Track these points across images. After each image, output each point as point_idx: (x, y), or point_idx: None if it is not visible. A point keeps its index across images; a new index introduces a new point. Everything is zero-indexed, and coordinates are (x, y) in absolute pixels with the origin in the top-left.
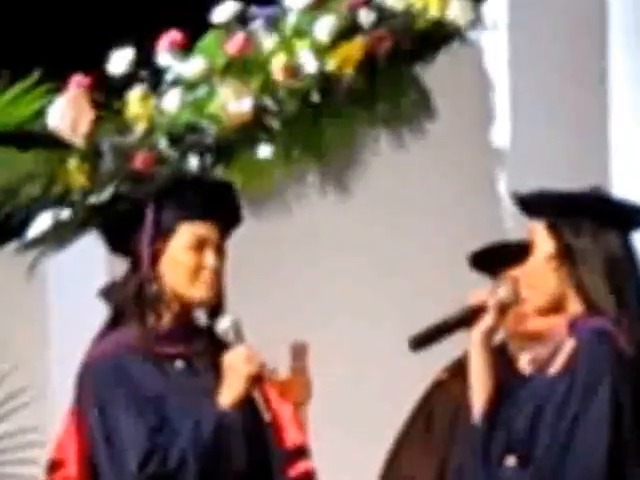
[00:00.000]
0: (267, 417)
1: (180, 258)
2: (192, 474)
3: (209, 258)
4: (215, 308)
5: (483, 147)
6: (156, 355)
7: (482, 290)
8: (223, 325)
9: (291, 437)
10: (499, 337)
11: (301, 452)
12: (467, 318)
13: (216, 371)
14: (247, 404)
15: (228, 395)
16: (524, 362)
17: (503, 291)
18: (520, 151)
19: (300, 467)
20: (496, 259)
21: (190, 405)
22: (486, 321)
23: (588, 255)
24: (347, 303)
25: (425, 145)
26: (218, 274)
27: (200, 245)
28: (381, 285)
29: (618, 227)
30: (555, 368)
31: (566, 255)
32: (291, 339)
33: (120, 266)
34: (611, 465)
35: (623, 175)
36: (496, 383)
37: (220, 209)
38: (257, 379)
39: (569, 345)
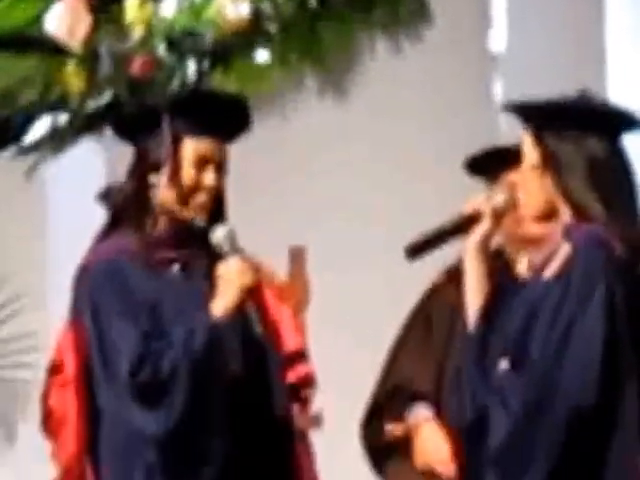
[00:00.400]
0: (258, 330)
1: (180, 174)
2: (184, 383)
3: (208, 178)
4: (214, 217)
5: (480, 54)
6: (152, 260)
7: (477, 197)
8: (218, 235)
9: (290, 341)
10: (497, 242)
11: (300, 356)
12: (463, 225)
13: (212, 277)
14: (242, 314)
15: (221, 305)
16: (522, 267)
17: (498, 198)
18: (517, 58)
19: (299, 371)
20: (493, 163)
21: (185, 311)
22: (481, 228)
23: (573, 162)
24: (343, 206)
25: (422, 51)
26: (218, 192)
27: (202, 163)
28: (377, 188)
29: (603, 132)
30: (550, 273)
31: (550, 163)
32: (288, 242)
33: (118, 171)
34: (604, 371)
35: (619, 81)
36: (491, 289)
37: (230, 126)
38: (250, 290)
39: (564, 250)
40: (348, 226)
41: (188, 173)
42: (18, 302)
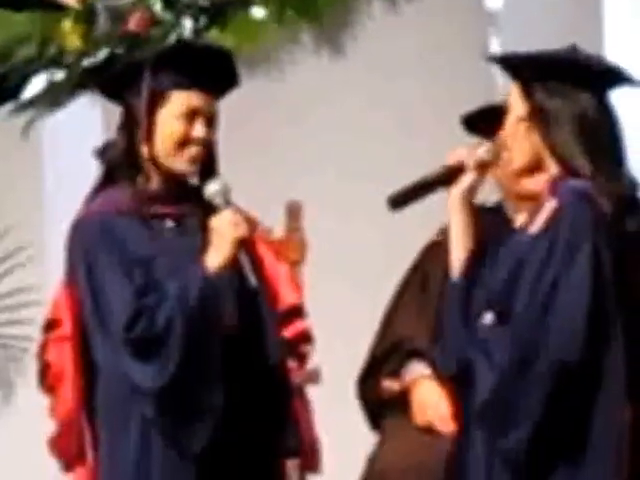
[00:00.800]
0: (252, 281)
1: (169, 126)
2: (179, 336)
3: (198, 129)
4: (206, 172)
5: (477, 10)
6: (146, 215)
7: (461, 149)
8: (212, 189)
9: (287, 297)
10: (496, 197)
11: (297, 311)
12: (446, 177)
13: (205, 232)
14: (236, 267)
15: (215, 258)
16: (519, 222)
17: (482, 150)
18: (514, 14)
19: (297, 326)
20: (489, 120)
21: (178, 266)
22: (465, 180)
23: (560, 115)
24: (340, 160)
25: (418, 7)
26: (208, 143)
27: (191, 115)
28: (373, 143)
29: (591, 87)
30: (535, 227)
31: (538, 116)
32: (284, 196)
33: (114, 126)
34: (590, 326)
35: (616, 36)
36: (478, 241)
37: (216, 79)
38: (244, 243)
39: (550, 205)
40: (344, 180)
41: (177, 126)
42: (16, 257)
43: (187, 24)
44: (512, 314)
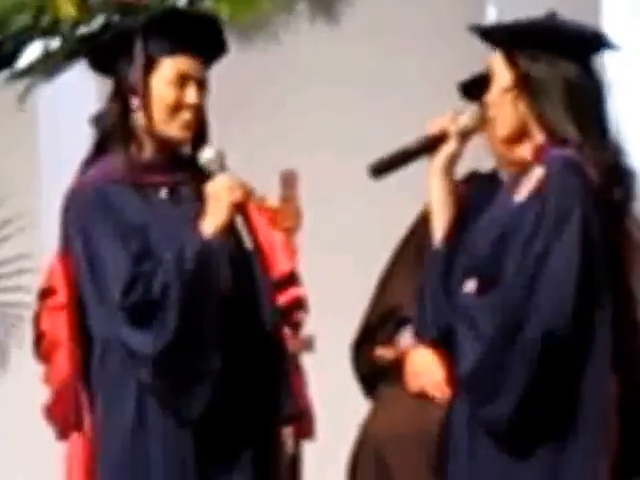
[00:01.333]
0: (249, 244)
1: (161, 93)
2: (175, 302)
3: (190, 95)
4: (198, 140)
5: None
6: (140, 184)
7: (442, 117)
8: (207, 155)
9: (281, 264)
10: (491, 165)
11: (291, 279)
12: (428, 146)
13: (200, 201)
14: (232, 232)
15: (211, 223)
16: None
17: (465, 117)
18: None
19: (290, 293)
20: (484, 87)
21: (173, 233)
22: (447, 148)
23: (547, 83)
24: (335, 131)
25: None
26: (199, 110)
27: (182, 80)
28: (371, 112)
29: (574, 54)
30: (523, 193)
31: (524, 85)
32: (281, 167)
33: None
34: (579, 296)
35: (613, 8)
36: (457, 209)
37: (204, 44)
38: (240, 207)
39: (537, 173)
40: (340, 150)
41: (169, 92)
42: (12, 225)
43: None
44: (497, 281)
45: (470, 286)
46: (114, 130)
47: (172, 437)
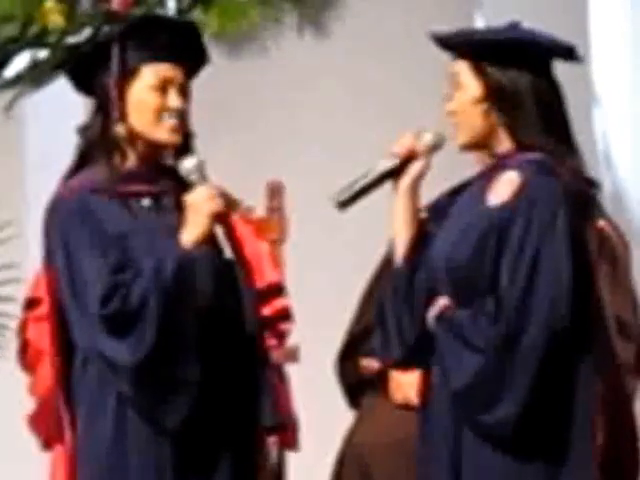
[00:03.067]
0: (229, 254)
1: (144, 99)
2: (154, 313)
3: (173, 99)
4: (182, 149)
5: None
6: (122, 193)
7: (405, 137)
8: (187, 165)
9: (267, 275)
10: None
11: (277, 289)
12: (397, 168)
13: (181, 211)
14: (214, 241)
15: (191, 234)
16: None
17: (429, 134)
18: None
19: (276, 304)
20: None
21: (154, 243)
22: (416, 167)
23: (517, 93)
24: (322, 142)
25: None
26: (183, 115)
27: (164, 86)
28: (357, 124)
29: (540, 64)
30: (498, 198)
31: (494, 94)
32: (267, 177)
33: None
34: (573, 294)
35: (600, 20)
36: (419, 226)
37: (184, 50)
38: (220, 217)
39: (510, 176)
40: (327, 160)
41: (152, 97)
42: None
43: (171, 4)
44: (475, 290)
45: (442, 303)
46: (96, 141)
47: (151, 447)
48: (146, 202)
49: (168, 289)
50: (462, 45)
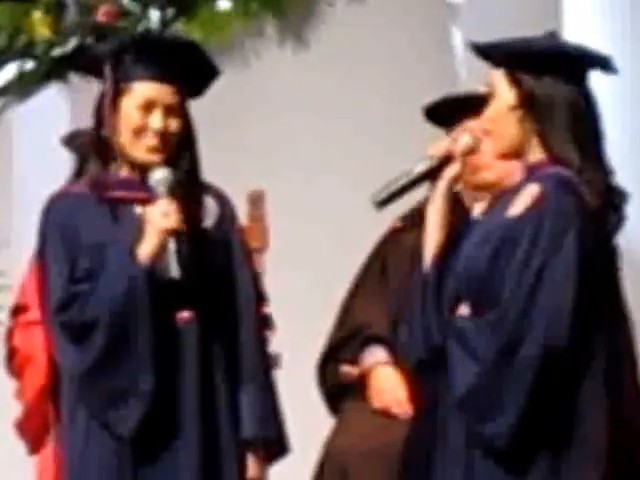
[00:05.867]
0: (175, 273)
1: (128, 116)
2: (105, 325)
3: (155, 120)
4: (171, 163)
5: (439, 1)
6: (110, 200)
7: (442, 141)
8: (155, 177)
9: None
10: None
11: (258, 297)
12: (434, 170)
13: (183, 218)
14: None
15: (144, 248)
16: (477, 212)
17: (465, 139)
18: (474, 7)
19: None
20: (449, 111)
21: (122, 254)
22: (452, 169)
23: (551, 104)
24: (303, 156)
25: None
26: (169, 136)
27: (148, 106)
28: (337, 137)
29: (577, 76)
30: (517, 209)
31: (529, 103)
32: (247, 187)
33: (82, 115)
34: (577, 312)
35: (575, 29)
36: (449, 232)
37: (178, 71)
38: (174, 233)
39: (530, 190)
40: (307, 170)
41: (135, 116)
42: None
43: (154, 16)
44: (491, 299)
45: (463, 310)
46: (90, 151)
47: (112, 453)
48: (138, 209)
49: (119, 303)
50: (498, 54)
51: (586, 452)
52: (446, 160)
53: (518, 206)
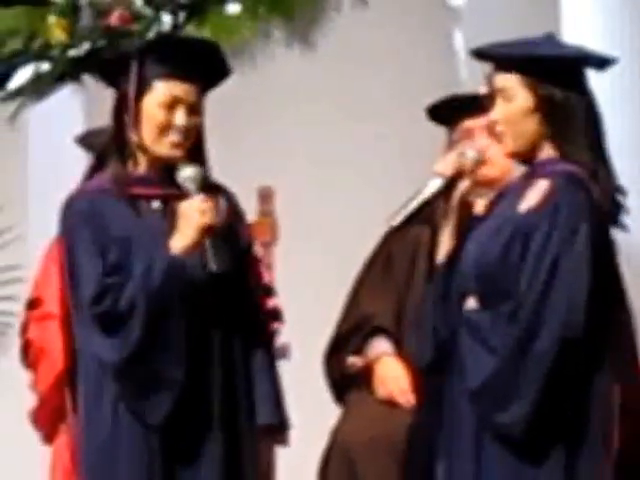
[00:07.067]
0: (213, 267)
1: (152, 114)
2: (140, 315)
3: (179, 118)
4: (193, 158)
5: (440, 4)
6: (130, 196)
7: (448, 157)
8: (184, 174)
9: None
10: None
11: (267, 290)
12: (445, 187)
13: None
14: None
15: (179, 242)
16: (479, 207)
17: (472, 154)
18: (475, 10)
19: (267, 304)
20: (451, 110)
21: (150, 247)
22: (464, 185)
23: (567, 105)
24: (310, 153)
25: (386, 3)
26: (191, 132)
27: (172, 104)
28: (343, 134)
29: (585, 82)
30: (528, 205)
31: (545, 107)
32: (254, 189)
33: (95, 115)
34: (590, 303)
35: (573, 31)
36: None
37: (199, 70)
38: (209, 230)
39: (541, 185)
40: (315, 173)
41: (159, 113)
42: (2, 237)
43: (166, 19)
44: (501, 293)
45: (471, 303)
46: (110, 147)
47: (142, 442)
48: (156, 205)
49: (155, 294)
50: (513, 60)
51: (599, 443)
52: (456, 175)
53: (529, 201)
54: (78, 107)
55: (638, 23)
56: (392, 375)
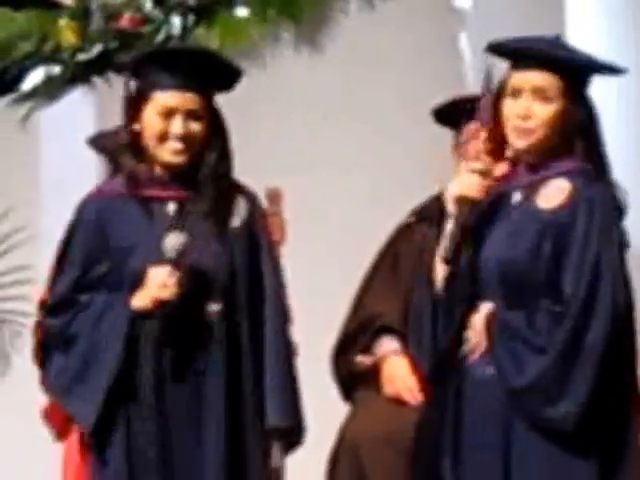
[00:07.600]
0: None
1: (150, 123)
2: (79, 348)
3: (176, 126)
4: (197, 163)
5: (447, 6)
6: (145, 197)
7: (457, 182)
8: (168, 242)
9: None
10: None
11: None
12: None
13: (215, 216)
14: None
15: (137, 302)
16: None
17: (478, 165)
18: (481, 12)
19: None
20: (458, 112)
21: (153, 256)
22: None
23: (585, 112)
24: (318, 154)
25: (392, 6)
26: (191, 139)
27: (168, 113)
28: (350, 136)
29: (586, 80)
30: (550, 203)
31: (572, 111)
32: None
33: (106, 117)
34: (626, 299)
35: (578, 34)
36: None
37: (194, 78)
38: (164, 304)
39: (559, 184)
40: (323, 174)
41: (157, 122)
42: (15, 237)
43: (176, 22)
44: (529, 291)
45: (489, 306)
46: (122, 150)
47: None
48: (171, 206)
49: (100, 336)
50: (560, 62)
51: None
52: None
53: (549, 200)
54: (89, 109)
55: None
56: (399, 373)
